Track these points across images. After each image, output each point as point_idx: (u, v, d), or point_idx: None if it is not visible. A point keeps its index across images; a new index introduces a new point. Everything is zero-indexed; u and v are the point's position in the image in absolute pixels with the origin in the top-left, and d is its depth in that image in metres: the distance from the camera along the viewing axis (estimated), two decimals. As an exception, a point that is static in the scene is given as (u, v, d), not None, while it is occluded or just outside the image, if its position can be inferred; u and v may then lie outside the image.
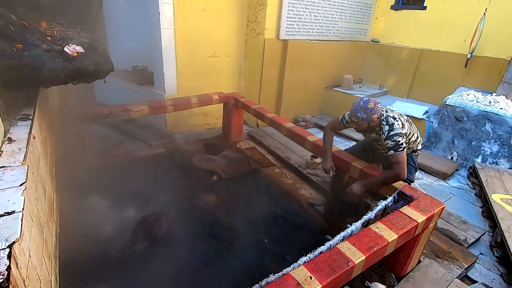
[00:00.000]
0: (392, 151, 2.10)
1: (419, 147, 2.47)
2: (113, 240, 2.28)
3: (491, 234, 2.79)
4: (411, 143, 2.36)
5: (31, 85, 1.37)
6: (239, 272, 2.17)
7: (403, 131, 2.11)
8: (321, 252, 1.56)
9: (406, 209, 1.88)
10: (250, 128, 4.83)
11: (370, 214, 1.94)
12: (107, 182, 2.81)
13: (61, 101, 2.94)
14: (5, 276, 0.71)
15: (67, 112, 2.97)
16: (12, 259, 0.74)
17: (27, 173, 1.04)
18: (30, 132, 1.31)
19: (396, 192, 2.11)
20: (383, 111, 2.19)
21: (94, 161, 3.08)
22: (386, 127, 2.13)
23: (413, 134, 2.34)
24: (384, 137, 2.14)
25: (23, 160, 1.11)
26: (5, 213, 0.88)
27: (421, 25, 5.23)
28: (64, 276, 1.38)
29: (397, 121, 2.13)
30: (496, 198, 3.00)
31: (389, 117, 2.15)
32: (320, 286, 1.30)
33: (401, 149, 2.07)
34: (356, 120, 2.15)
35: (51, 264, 1.16)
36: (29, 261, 0.87)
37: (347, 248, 1.52)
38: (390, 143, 2.10)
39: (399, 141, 2.07)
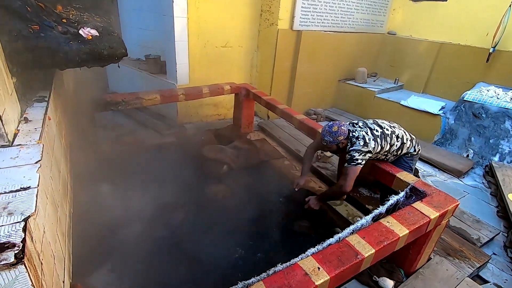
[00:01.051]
0: (346, 164, 2.23)
1: (412, 150, 2.44)
2: (123, 227, 2.32)
3: (506, 235, 2.71)
4: (395, 151, 2.36)
5: (46, 66, 1.39)
6: (246, 261, 2.19)
7: (364, 149, 2.18)
8: (329, 244, 1.54)
9: (418, 205, 1.84)
10: (260, 119, 4.81)
11: (381, 209, 1.91)
12: (118, 169, 2.86)
13: (76, 87, 2.99)
14: (20, 248, 0.73)
15: (81, 98, 3.02)
16: (27, 233, 0.76)
17: (42, 151, 1.06)
18: (45, 113, 1.33)
19: (408, 187, 2.06)
20: (351, 131, 2.28)
21: (106, 147, 3.13)
22: (349, 145, 2.26)
23: (393, 145, 2.32)
24: (347, 153, 2.26)
25: (39, 140, 1.13)
26: (21, 188, 0.90)
27: (441, 17, 5.04)
28: (76, 256, 1.42)
29: (359, 140, 2.20)
30: (513, 198, 2.91)
31: (353, 138, 2.24)
32: (328, 277, 1.28)
33: (354, 163, 2.18)
34: (325, 144, 2.30)
35: (65, 242, 1.19)
36: (43, 237, 0.90)
37: (356, 241, 1.50)
38: (347, 156, 2.23)
39: (354, 155, 2.18)
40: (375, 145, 2.21)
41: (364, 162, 2.20)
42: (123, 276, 1.89)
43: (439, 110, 4.29)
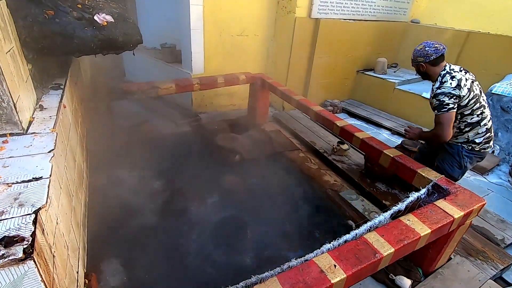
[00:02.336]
0: (436, 111, 2.02)
1: (478, 140, 2.12)
2: (137, 215, 2.35)
3: (533, 236, 2.56)
4: (465, 124, 2.08)
5: (61, 53, 1.38)
6: (257, 253, 2.17)
7: (454, 92, 1.94)
8: (346, 241, 1.49)
9: (441, 203, 1.74)
10: (275, 111, 4.73)
11: (400, 205, 1.82)
12: (134, 157, 2.89)
13: (93, 75, 3.02)
14: (29, 243, 0.70)
15: (98, 86, 3.05)
16: (37, 225, 0.74)
17: (55, 140, 1.04)
18: (60, 101, 1.32)
19: (430, 184, 1.96)
20: (449, 67, 2.05)
21: (122, 136, 3.16)
22: (437, 83, 2.02)
23: (473, 111, 2.04)
24: (432, 94, 2.04)
25: (53, 128, 1.12)
26: (33, 178, 0.88)
27: (469, 4, 4.74)
28: (91, 245, 1.43)
29: (452, 80, 1.97)
30: (542, 197, 2.74)
31: (447, 74, 2.01)
32: (345, 275, 1.24)
33: (445, 109, 1.95)
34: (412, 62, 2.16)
35: (79, 232, 1.19)
36: (56, 228, 0.88)
37: (375, 239, 1.44)
38: (434, 102, 2.01)
39: (443, 101, 1.95)
40: (467, 94, 1.96)
41: (455, 106, 1.96)
42: (135, 266, 1.91)
43: (464, 103, 4.07)
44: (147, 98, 3.77)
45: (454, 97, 1.95)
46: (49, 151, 1.02)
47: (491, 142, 2.21)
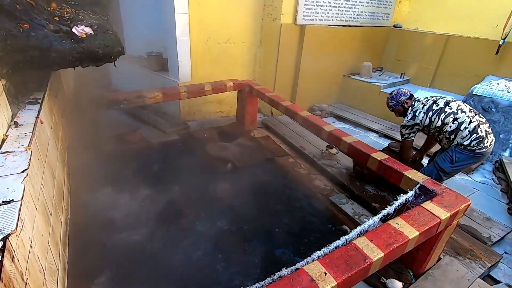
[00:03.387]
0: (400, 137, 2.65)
1: (466, 142, 2.34)
2: (125, 230, 2.28)
3: (518, 233, 2.62)
4: (448, 134, 2.41)
5: (38, 67, 1.34)
6: (251, 261, 2.14)
7: (409, 123, 2.49)
8: (336, 247, 1.48)
9: (428, 205, 1.77)
10: (264, 116, 4.74)
11: (389, 209, 1.84)
12: (120, 168, 2.83)
13: (77, 87, 2.95)
14: None
15: (82, 98, 2.99)
16: (6, 253, 0.68)
17: (30, 159, 0.99)
18: (37, 117, 1.27)
19: (417, 186, 1.99)
20: (415, 100, 2.56)
21: (109, 147, 3.10)
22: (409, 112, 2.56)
23: (446, 124, 2.39)
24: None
25: (28, 146, 1.07)
26: (3, 202, 0.83)
27: (449, 9, 4.89)
28: (74, 264, 1.36)
29: (409, 113, 2.51)
30: (525, 195, 2.81)
31: (411, 107, 2.54)
32: (335, 283, 1.23)
33: (404, 138, 2.58)
34: (392, 109, 2.69)
35: (58, 253, 1.13)
36: (30, 252, 0.83)
37: (364, 244, 1.44)
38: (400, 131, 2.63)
39: (401, 131, 2.58)
40: (423, 117, 2.44)
41: (413, 134, 2.54)
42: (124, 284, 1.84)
43: (447, 105, 4.17)
44: (134, 108, 3.73)
45: (410, 127, 2.52)
46: (22, 171, 0.97)
47: (486, 143, 2.34)
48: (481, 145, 2.33)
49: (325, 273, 1.27)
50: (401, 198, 1.94)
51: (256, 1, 4.16)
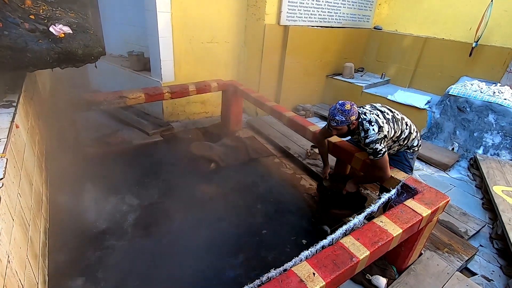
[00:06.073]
0: (371, 157, 2.06)
1: (415, 143, 2.29)
2: (109, 232, 2.22)
3: (491, 226, 2.77)
4: (402, 140, 2.22)
5: (13, 68, 1.26)
6: (237, 262, 2.13)
7: (380, 136, 2.00)
8: (323, 247, 1.50)
9: (410, 202, 1.83)
10: (249, 116, 4.73)
11: (373, 207, 1.89)
12: (102, 172, 2.74)
13: (54, 88, 2.82)
14: None
15: (60, 99, 2.86)
16: None
17: (5, 167, 0.93)
18: (12, 121, 1.20)
19: (399, 184, 2.05)
20: (361, 113, 2.10)
21: (89, 150, 2.99)
22: (362, 133, 2.05)
23: (403, 131, 2.18)
24: (362, 143, 2.08)
25: (3, 153, 1.00)
26: None
27: (426, 12, 5.08)
28: (55, 274, 1.30)
29: (372, 125, 2.01)
30: (497, 190, 2.97)
31: (364, 122, 2.04)
32: (324, 283, 1.25)
33: (380, 155, 2.02)
34: (335, 124, 2.05)
35: (37, 264, 1.07)
36: (7, 268, 0.77)
37: (351, 243, 1.47)
38: (368, 150, 2.05)
39: (376, 148, 2.01)
40: (389, 129, 2.05)
41: (386, 148, 2.05)
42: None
43: (425, 105, 4.34)
44: (115, 109, 3.61)
45: (382, 140, 2.02)
46: (-4, 182, 0.89)
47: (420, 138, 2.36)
48: (421, 140, 2.33)
49: (314, 273, 1.29)
50: (384, 196, 2.00)
51: (240, 1, 4.15)
